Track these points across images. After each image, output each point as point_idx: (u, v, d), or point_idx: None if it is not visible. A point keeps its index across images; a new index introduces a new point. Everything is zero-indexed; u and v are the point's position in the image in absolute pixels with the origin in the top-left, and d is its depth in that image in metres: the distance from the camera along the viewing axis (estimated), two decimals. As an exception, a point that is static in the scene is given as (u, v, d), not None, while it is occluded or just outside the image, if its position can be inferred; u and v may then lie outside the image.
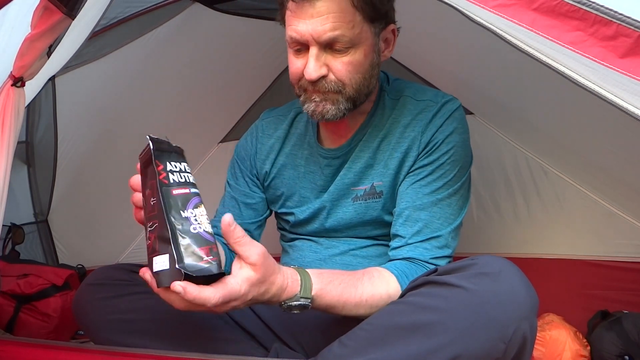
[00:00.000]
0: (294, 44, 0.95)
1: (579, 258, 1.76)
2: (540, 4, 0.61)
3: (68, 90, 1.68)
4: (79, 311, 0.97)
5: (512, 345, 0.70)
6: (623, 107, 0.59)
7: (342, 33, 0.90)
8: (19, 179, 1.85)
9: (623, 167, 1.45)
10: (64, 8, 0.91)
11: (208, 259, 0.69)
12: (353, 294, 0.84)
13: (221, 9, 1.73)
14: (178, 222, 0.69)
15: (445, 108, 1.02)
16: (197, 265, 0.68)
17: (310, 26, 0.90)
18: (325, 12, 0.89)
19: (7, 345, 0.93)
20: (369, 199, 1.06)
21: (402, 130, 1.03)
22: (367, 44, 0.94)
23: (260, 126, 1.21)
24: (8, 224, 1.80)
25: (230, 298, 0.71)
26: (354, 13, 0.91)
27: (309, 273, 0.82)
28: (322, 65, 0.93)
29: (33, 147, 1.82)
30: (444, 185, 0.99)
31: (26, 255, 1.89)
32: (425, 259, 0.95)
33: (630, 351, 1.45)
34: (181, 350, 0.88)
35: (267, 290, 0.75)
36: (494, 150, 1.85)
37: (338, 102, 0.96)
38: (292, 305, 0.79)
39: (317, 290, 0.80)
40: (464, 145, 1.02)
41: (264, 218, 1.21)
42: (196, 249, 0.68)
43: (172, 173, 0.71)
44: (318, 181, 1.11)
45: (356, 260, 1.08)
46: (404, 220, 0.99)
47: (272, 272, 0.75)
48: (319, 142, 1.12)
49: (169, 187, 0.70)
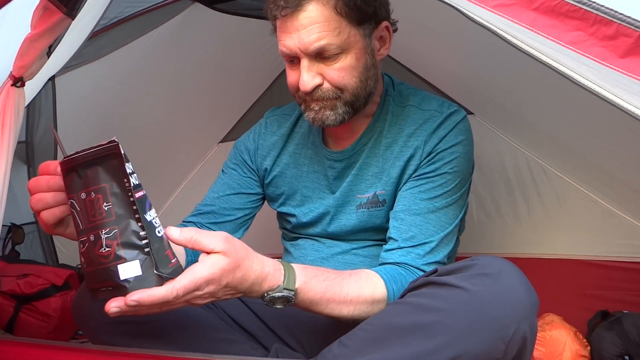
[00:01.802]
0: (286, 57, 0.96)
1: (579, 258, 1.75)
2: (540, 4, 0.61)
3: (68, 90, 1.68)
4: (78, 313, 0.97)
5: (512, 345, 0.70)
6: (623, 107, 0.59)
7: (329, 42, 0.91)
8: (19, 179, 1.85)
9: (623, 167, 1.45)
10: (64, 8, 0.91)
11: (174, 260, 0.68)
12: (338, 292, 0.83)
13: (221, 9, 1.73)
14: (146, 226, 0.66)
15: (450, 119, 1.01)
16: (169, 268, 0.67)
17: (297, 39, 0.91)
18: (309, 24, 0.90)
19: (7, 345, 0.93)
20: (372, 208, 1.06)
21: (406, 139, 1.03)
22: (357, 47, 0.95)
23: (264, 123, 1.21)
24: (8, 224, 1.80)
25: (198, 285, 0.68)
26: (338, 20, 0.91)
27: (294, 267, 0.80)
28: (316, 75, 0.94)
29: (33, 147, 1.81)
30: (443, 195, 0.99)
31: (26, 255, 1.89)
32: (417, 265, 0.94)
33: (630, 351, 1.45)
34: (181, 350, 0.88)
35: (244, 277, 0.73)
36: (494, 150, 1.85)
37: (336, 108, 0.97)
38: (275, 297, 0.76)
39: (300, 283, 0.78)
40: (466, 157, 1.02)
41: (251, 214, 1.19)
42: (165, 251, 0.67)
43: (131, 175, 0.66)
44: (322, 181, 1.11)
45: (358, 259, 1.08)
46: (399, 224, 0.99)
47: (245, 255, 0.73)
48: (324, 143, 1.12)
49: (134, 190, 0.66)
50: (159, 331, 0.93)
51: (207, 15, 1.73)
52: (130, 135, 1.97)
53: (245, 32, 1.86)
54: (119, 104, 1.85)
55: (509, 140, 1.84)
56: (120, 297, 0.64)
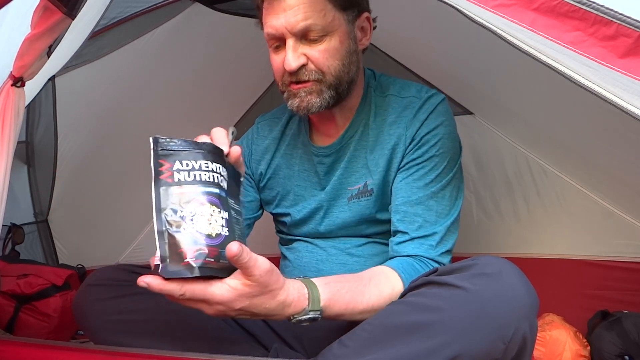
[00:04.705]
0: (272, 40, 0.99)
1: (579, 258, 1.76)
2: (540, 4, 0.61)
3: (68, 90, 1.68)
4: (79, 312, 0.97)
5: (512, 345, 0.70)
6: (623, 107, 0.59)
7: (314, 22, 0.94)
8: (19, 179, 1.85)
9: (623, 167, 1.45)
10: (64, 8, 0.91)
11: (189, 260, 0.66)
12: (360, 301, 0.84)
13: (221, 9, 1.73)
14: (171, 220, 0.67)
15: (428, 103, 1.03)
16: (174, 267, 0.66)
17: (284, 19, 0.94)
18: (296, 4, 0.93)
19: (7, 345, 0.93)
20: (362, 197, 1.07)
21: (389, 128, 1.05)
22: (341, 31, 0.98)
23: (256, 129, 1.23)
24: (8, 224, 1.80)
25: (207, 299, 0.69)
26: (324, 2, 0.95)
27: (316, 284, 0.80)
28: (300, 55, 0.96)
29: (33, 147, 1.82)
30: (436, 178, 1.00)
31: (26, 255, 1.89)
32: (431, 257, 0.96)
33: (630, 351, 1.45)
34: (181, 350, 0.88)
35: (263, 304, 0.73)
36: (494, 150, 1.85)
37: (322, 93, 0.98)
38: (302, 320, 0.78)
39: (325, 301, 0.79)
40: (450, 137, 1.03)
41: (253, 217, 1.21)
42: (180, 250, 0.66)
43: (178, 172, 0.69)
44: (313, 178, 1.12)
45: (353, 260, 1.09)
46: (402, 217, 1.00)
47: (273, 288, 0.73)
48: (312, 140, 1.13)
49: (170, 186, 0.68)
50: (159, 330, 0.93)
51: (207, 15, 1.73)
52: (130, 135, 1.97)
53: (245, 33, 1.86)
54: (119, 104, 1.85)
55: (509, 140, 1.84)
56: (154, 275, 0.68)
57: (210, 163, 0.72)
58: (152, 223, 0.68)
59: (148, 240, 2.26)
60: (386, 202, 1.06)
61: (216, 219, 0.69)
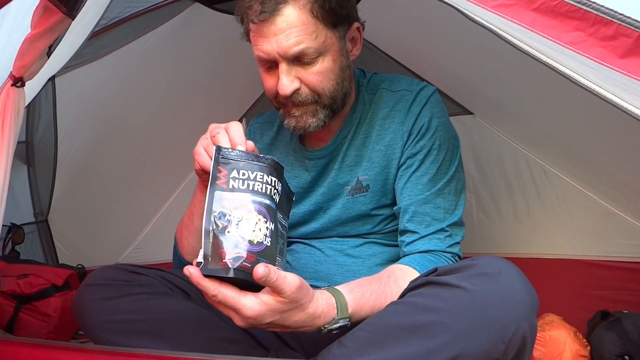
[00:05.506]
0: (262, 62, 0.97)
1: (579, 258, 1.75)
2: (540, 4, 0.61)
3: (68, 90, 1.68)
4: (78, 312, 0.97)
5: (512, 345, 0.70)
6: (623, 107, 0.59)
7: (307, 45, 0.92)
8: (19, 179, 1.85)
9: (623, 167, 1.45)
10: (64, 8, 0.91)
11: (227, 261, 0.70)
12: (383, 301, 0.85)
13: (221, 9, 1.74)
14: (218, 222, 0.71)
15: (420, 95, 1.04)
16: (212, 265, 0.70)
17: (275, 44, 0.92)
18: (287, 28, 0.91)
19: (7, 345, 0.93)
20: (355, 194, 1.07)
21: (382, 122, 1.05)
22: (333, 50, 0.96)
23: (248, 132, 1.22)
24: (8, 224, 1.80)
25: (238, 309, 0.70)
26: (315, 23, 0.92)
27: (342, 291, 0.81)
28: (294, 79, 0.95)
29: (33, 147, 1.82)
30: (438, 171, 1.01)
31: (26, 255, 1.89)
32: (442, 249, 0.98)
33: (630, 351, 1.45)
34: (181, 350, 0.88)
35: (293, 317, 0.74)
36: (494, 150, 1.85)
37: (317, 113, 0.98)
38: (333, 329, 0.79)
39: (352, 307, 0.81)
40: (445, 127, 1.04)
41: None
42: (220, 250, 0.70)
43: (234, 180, 0.74)
44: (304, 185, 1.12)
45: (350, 260, 1.09)
46: (411, 217, 1.01)
47: (304, 302, 0.74)
48: (303, 144, 1.13)
49: (223, 191, 0.73)
50: (159, 330, 0.93)
51: (207, 15, 1.73)
52: (130, 135, 1.97)
53: (245, 32, 1.86)
54: (118, 104, 1.85)
55: (509, 140, 1.84)
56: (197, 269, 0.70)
57: (265, 175, 0.76)
58: (152, 223, 0.69)
59: (148, 240, 2.26)
60: (384, 199, 1.06)
61: (260, 228, 0.73)
